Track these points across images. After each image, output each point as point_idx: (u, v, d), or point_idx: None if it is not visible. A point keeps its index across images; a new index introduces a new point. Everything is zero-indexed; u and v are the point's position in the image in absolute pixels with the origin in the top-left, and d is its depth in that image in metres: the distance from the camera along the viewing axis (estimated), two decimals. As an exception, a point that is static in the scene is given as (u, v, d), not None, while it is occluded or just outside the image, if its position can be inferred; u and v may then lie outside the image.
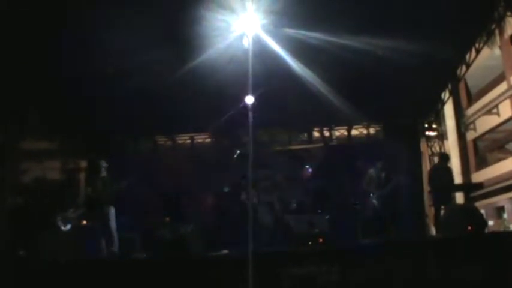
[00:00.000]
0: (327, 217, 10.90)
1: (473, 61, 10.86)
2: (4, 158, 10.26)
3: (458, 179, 16.97)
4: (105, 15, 8.04)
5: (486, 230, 7.80)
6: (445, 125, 18.25)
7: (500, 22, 9.78)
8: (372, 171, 9.15)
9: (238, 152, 10.88)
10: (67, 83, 9.71)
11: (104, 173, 8.59)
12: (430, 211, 13.43)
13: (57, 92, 9.94)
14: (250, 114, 10.94)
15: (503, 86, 18.40)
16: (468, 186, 12.28)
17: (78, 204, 8.86)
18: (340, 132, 13.26)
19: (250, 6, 8.02)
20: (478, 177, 19.69)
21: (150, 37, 8.63)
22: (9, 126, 10.23)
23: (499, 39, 15.60)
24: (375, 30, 9.12)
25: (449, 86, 12.27)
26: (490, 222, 18.10)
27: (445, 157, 10.00)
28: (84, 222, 10.43)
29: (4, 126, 10.11)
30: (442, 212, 9.10)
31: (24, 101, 10.00)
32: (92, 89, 10.02)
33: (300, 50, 9.11)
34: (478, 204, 14.99)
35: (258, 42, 8.66)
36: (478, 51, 10.56)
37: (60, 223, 8.52)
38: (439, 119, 13.77)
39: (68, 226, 8.64)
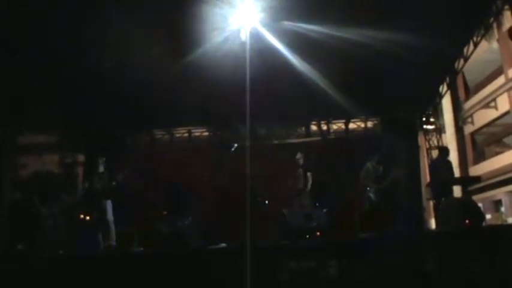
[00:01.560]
0: (324, 210, 10.93)
1: (471, 54, 10.83)
2: (3, 155, 10.24)
3: (456, 172, 17.00)
4: (103, 10, 8.01)
5: (484, 224, 7.82)
6: (442, 119, 18.25)
7: (498, 15, 9.75)
8: (369, 164, 9.14)
9: (235, 145, 10.89)
10: (66, 78, 9.68)
11: (101, 168, 8.61)
12: (427, 205, 13.47)
13: (56, 87, 9.90)
14: (248, 108, 10.94)
15: (501, 80, 18.41)
16: (466, 180, 12.29)
17: (61, 197, 8.81)
18: (337, 125, 13.23)
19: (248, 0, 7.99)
20: (475, 170, 19.74)
21: (148, 31, 8.59)
22: (9, 124, 10.20)
23: (497, 33, 15.61)
24: (373, 24, 9.09)
25: (447, 79, 12.23)
26: (488, 216, 18.16)
27: (444, 151, 9.98)
28: (82, 216, 10.44)
29: (4, 125, 10.08)
30: (442, 205, 9.11)
31: (24, 99, 9.97)
32: (90, 84, 9.98)
33: (297, 43, 9.08)
34: (475, 197, 15.03)
35: (255, 36, 8.63)
36: (475, 45, 10.52)
37: (42, 218, 8.46)
38: (437, 112, 13.75)
39: (51, 221, 8.58)
